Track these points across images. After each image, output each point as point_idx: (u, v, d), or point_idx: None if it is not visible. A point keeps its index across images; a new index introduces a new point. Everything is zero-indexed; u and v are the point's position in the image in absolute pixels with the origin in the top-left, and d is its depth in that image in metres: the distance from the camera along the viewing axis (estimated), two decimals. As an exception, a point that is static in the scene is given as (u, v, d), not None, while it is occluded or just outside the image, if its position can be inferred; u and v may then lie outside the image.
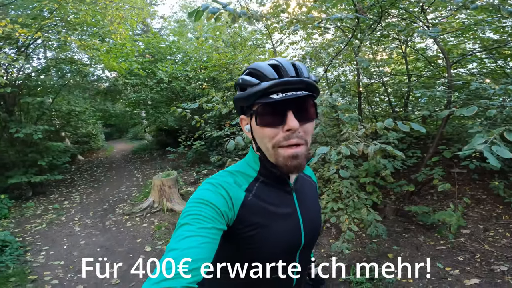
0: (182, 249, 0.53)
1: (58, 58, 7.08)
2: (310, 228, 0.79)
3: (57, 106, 7.14)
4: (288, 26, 4.12)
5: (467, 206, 3.71)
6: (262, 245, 0.69)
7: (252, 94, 0.65)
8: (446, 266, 2.69)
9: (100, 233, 4.18)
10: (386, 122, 2.49)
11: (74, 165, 9.59)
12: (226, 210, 0.65)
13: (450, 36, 4.19)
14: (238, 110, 0.76)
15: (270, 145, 0.67)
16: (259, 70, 0.66)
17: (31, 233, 4.29)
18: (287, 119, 0.64)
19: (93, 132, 11.87)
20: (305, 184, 0.87)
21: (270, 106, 0.65)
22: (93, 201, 5.83)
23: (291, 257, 0.77)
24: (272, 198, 0.74)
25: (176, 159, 8.38)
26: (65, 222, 4.71)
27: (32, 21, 4.80)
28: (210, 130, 5.62)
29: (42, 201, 5.94)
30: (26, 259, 3.45)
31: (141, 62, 7.49)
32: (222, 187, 0.68)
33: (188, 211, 0.61)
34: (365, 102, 5.78)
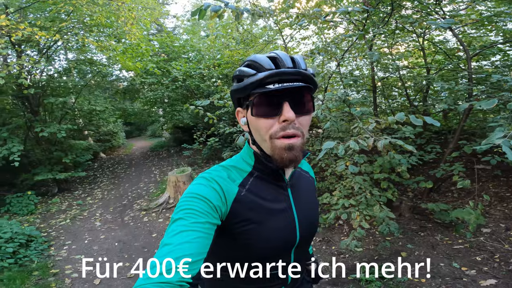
0: (176, 244, 0.53)
1: (79, 59, 7.39)
2: (305, 224, 0.78)
3: (79, 106, 7.46)
4: (296, 21, 4.06)
5: (489, 204, 3.54)
6: (255, 241, 0.69)
7: (248, 84, 0.65)
8: (462, 266, 2.59)
9: (118, 228, 4.37)
10: (398, 116, 2.41)
11: (97, 162, 10.03)
12: (219, 204, 0.65)
13: (470, 28, 3.97)
14: (234, 102, 0.76)
15: (266, 136, 0.67)
16: (256, 61, 0.66)
17: (55, 228, 4.55)
18: (283, 110, 0.64)
19: (114, 130, 12.30)
20: (301, 179, 0.86)
21: (266, 96, 0.65)
22: (113, 197, 6.09)
23: (286, 254, 0.76)
24: (266, 193, 0.73)
25: (192, 156, 8.54)
26: (87, 217, 4.97)
27: (51, 23, 5.02)
28: (223, 127, 5.67)
29: (67, 197, 6.27)
30: (50, 253, 3.66)
31: (156, 61, 7.67)
32: (215, 181, 0.68)
33: (182, 206, 0.61)
34: (381, 96, 5.60)
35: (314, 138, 4.35)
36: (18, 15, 4.91)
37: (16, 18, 4.46)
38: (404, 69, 5.17)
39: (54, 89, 6.72)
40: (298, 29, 4.82)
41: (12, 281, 2.92)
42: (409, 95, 5.26)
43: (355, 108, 3.55)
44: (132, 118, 11.32)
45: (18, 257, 3.37)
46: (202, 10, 2.09)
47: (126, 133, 16.14)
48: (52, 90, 6.70)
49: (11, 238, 3.51)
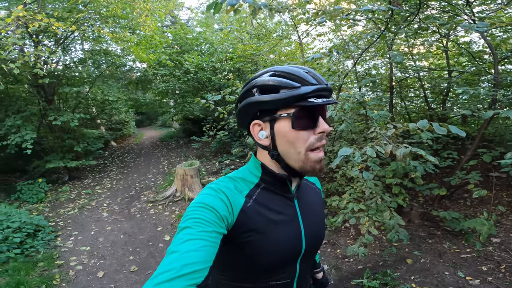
0: (183, 252, 0.54)
1: (94, 49, 7.43)
2: (311, 236, 0.79)
3: (92, 96, 7.54)
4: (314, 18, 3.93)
5: (501, 213, 3.46)
6: (259, 251, 0.69)
7: (292, 96, 0.65)
8: (467, 275, 2.56)
9: (125, 219, 4.41)
10: (420, 123, 2.28)
11: (107, 150, 10.19)
12: (226, 214, 0.65)
13: (499, 31, 3.76)
14: (248, 114, 0.72)
15: (303, 149, 0.68)
16: (295, 74, 0.67)
17: (63, 218, 4.62)
18: (319, 122, 0.68)
19: (125, 119, 12.45)
20: (308, 191, 0.87)
21: (308, 109, 0.67)
22: (121, 187, 6.16)
23: (291, 265, 0.77)
24: (272, 204, 0.74)
25: (201, 148, 8.56)
26: (95, 208, 5.03)
27: (68, 14, 5.03)
28: (233, 122, 5.62)
29: (77, 185, 6.39)
30: (56, 244, 3.70)
31: (170, 53, 7.66)
32: (222, 192, 0.69)
33: (189, 215, 0.62)
34: (397, 97, 5.42)
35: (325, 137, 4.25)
36: (36, 6, 4.92)
37: (34, 9, 4.46)
38: (424, 70, 4.96)
39: (69, 78, 6.80)
40: (315, 25, 4.68)
41: (17, 272, 2.92)
42: (428, 97, 5.06)
43: (372, 111, 3.43)
44: (143, 108, 11.43)
45: (25, 247, 3.39)
46: (218, 3, 2.01)
47: (137, 122, 16.34)
48: (67, 79, 6.77)
49: (19, 227, 3.55)
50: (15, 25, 3.72)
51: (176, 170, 5.20)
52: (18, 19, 3.67)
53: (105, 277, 2.98)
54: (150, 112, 15.65)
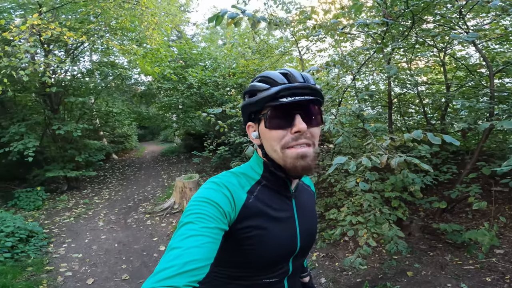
0: (185, 248, 0.53)
1: (102, 61, 7.65)
2: (306, 235, 0.81)
3: (97, 107, 7.67)
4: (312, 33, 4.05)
5: (504, 225, 3.39)
6: (258, 247, 0.70)
7: (262, 98, 0.68)
8: (470, 286, 2.49)
9: (121, 229, 4.36)
10: (415, 133, 2.30)
11: (108, 163, 10.22)
12: (228, 210, 0.65)
13: (494, 44, 3.84)
14: (245, 117, 0.79)
15: (278, 147, 0.69)
16: (269, 77, 0.70)
17: (58, 225, 4.57)
18: (295, 121, 0.67)
19: (128, 133, 12.57)
20: (304, 192, 0.89)
21: (280, 109, 0.68)
22: (120, 198, 6.13)
23: (284, 262, 0.78)
24: (272, 202, 0.75)
25: (201, 163, 8.56)
26: (92, 217, 4.99)
27: (80, 25, 5.23)
28: (233, 136, 5.66)
29: (75, 195, 6.37)
30: (48, 250, 3.66)
31: (174, 67, 7.84)
32: (225, 186, 0.69)
33: (192, 210, 0.62)
34: (397, 113, 5.46)
35: (325, 153, 4.25)
36: (50, 15, 5.12)
37: (48, 18, 4.66)
38: (422, 85, 5.03)
39: (75, 89, 6.96)
40: (315, 41, 4.82)
41: (3, 275, 2.89)
42: (427, 112, 5.10)
43: (369, 124, 3.46)
44: (146, 122, 11.58)
45: (16, 251, 3.37)
46: (219, 16, 2.10)
47: (140, 136, 16.46)
48: (74, 90, 6.94)
49: (12, 232, 3.53)
50: (29, 33, 3.87)
51: (175, 182, 5.20)
52: (32, 27, 3.81)
53: (95, 284, 2.91)
54: (152, 127, 15.83)
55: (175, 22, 7.54)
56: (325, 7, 4.10)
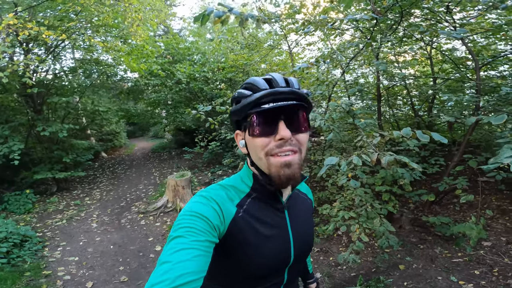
0: (175, 262, 0.52)
1: (85, 59, 7.41)
2: (300, 246, 0.79)
3: (82, 106, 7.46)
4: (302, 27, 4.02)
5: (491, 217, 3.51)
6: (248, 261, 0.69)
7: (245, 105, 0.67)
8: (460, 279, 2.56)
9: (115, 230, 4.33)
10: (404, 131, 2.34)
11: (97, 162, 10.04)
12: (218, 223, 0.64)
13: (480, 37, 3.90)
14: (233, 126, 0.78)
15: (262, 154, 0.67)
16: (252, 83, 0.69)
17: (51, 228, 4.51)
18: (278, 128, 0.65)
19: (116, 130, 12.34)
20: (299, 201, 0.86)
21: (262, 116, 0.66)
22: (112, 198, 6.06)
23: (279, 274, 0.77)
24: (262, 216, 0.74)
25: (193, 159, 8.52)
26: (84, 218, 4.93)
27: (59, 23, 5.03)
28: (224, 132, 5.63)
29: (65, 196, 6.26)
30: (44, 254, 3.62)
31: (161, 63, 7.67)
32: (214, 200, 0.68)
33: (181, 224, 0.61)
34: (385, 106, 5.53)
35: (316, 146, 4.28)
36: (27, 14, 4.91)
37: (25, 17, 4.45)
38: (410, 77, 5.10)
39: (58, 88, 6.74)
40: (304, 35, 4.79)
41: (3, 282, 2.88)
42: (414, 104, 5.18)
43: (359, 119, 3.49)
44: (135, 118, 11.36)
45: (12, 257, 3.33)
46: (205, 15, 2.05)
47: (129, 133, 16.20)
48: (57, 89, 6.71)
49: (6, 238, 3.48)
50: (5, 33, 3.70)
51: (168, 181, 5.16)
52: (8, 27, 3.65)
53: (94, 287, 2.91)
54: (142, 123, 15.56)
55: (160, 17, 7.32)
56: (313, 1, 4.06)
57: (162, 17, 7.40)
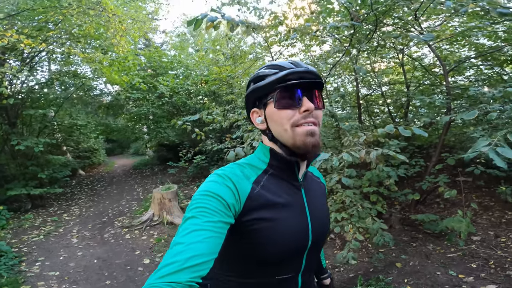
0: (187, 244, 0.53)
1: (62, 71, 7.20)
2: (318, 227, 0.78)
3: (59, 120, 7.18)
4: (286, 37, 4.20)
5: (475, 213, 3.64)
6: (267, 240, 0.68)
7: (272, 81, 0.71)
8: (459, 273, 2.58)
9: (98, 245, 4.10)
10: (387, 127, 2.48)
11: (75, 179, 9.56)
12: (233, 202, 0.64)
13: (445, 44, 4.25)
14: (249, 105, 0.80)
15: (288, 126, 0.70)
16: (277, 64, 0.74)
17: (27, 244, 4.24)
18: (303, 101, 0.70)
19: (94, 147, 11.90)
20: (313, 183, 0.88)
21: (289, 90, 0.70)
22: (92, 214, 5.77)
23: (297, 259, 0.76)
24: (280, 191, 0.74)
25: (177, 174, 8.35)
26: (63, 234, 4.66)
27: (38, 32, 4.91)
28: (211, 143, 5.60)
29: (41, 213, 5.90)
30: (21, 269, 3.40)
31: (143, 76, 7.59)
32: (229, 178, 0.68)
33: (195, 204, 0.61)
34: (365, 114, 5.78)
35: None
36: (6, 22, 4.76)
37: (3, 25, 4.31)
38: (385, 85, 5.40)
39: (34, 100, 6.48)
40: (287, 46, 4.99)
41: None
42: (391, 111, 5.46)
43: (343, 123, 3.63)
44: (115, 134, 11.01)
45: (-14, 272, 3.07)
46: (199, 19, 2.11)
47: (108, 150, 15.64)
48: (32, 101, 6.45)
49: (-20, 253, 3.22)
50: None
51: (153, 194, 5.01)
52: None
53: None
54: (121, 140, 15.12)
55: (143, 29, 7.33)
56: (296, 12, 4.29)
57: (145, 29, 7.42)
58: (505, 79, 4.08)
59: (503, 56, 3.91)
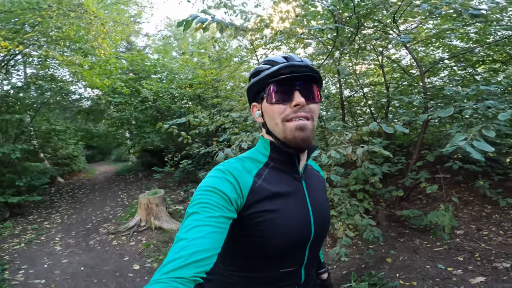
0: (190, 239, 0.53)
1: (38, 75, 6.92)
2: (319, 219, 0.78)
3: (36, 125, 6.88)
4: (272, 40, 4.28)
5: (456, 208, 3.77)
6: (271, 232, 0.68)
7: (264, 76, 0.73)
8: (447, 266, 2.64)
9: (83, 252, 3.96)
10: (371, 125, 2.59)
11: (54, 187, 9.14)
12: (235, 197, 0.65)
13: (421, 46, 4.47)
14: (250, 99, 0.82)
15: (279, 120, 0.71)
16: (271, 59, 0.76)
17: (8, 252, 4.06)
18: (294, 96, 0.70)
19: (73, 153, 11.46)
20: (313, 176, 0.89)
21: (280, 85, 0.71)
22: (75, 222, 5.55)
23: (300, 251, 0.76)
24: (282, 183, 0.75)
25: (163, 179, 8.20)
26: (45, 242, 4.48)
27: (14, 35, 4.72)
28: (198, 147, 5.55)
29: (20, 221, 5.64)
30: (4, 277, 3.25)
31: (125, 80, 7.41)
32: (230, 173, 0.68)
33: (196, 200, 0.62)
34: (348, 115, 5.96)
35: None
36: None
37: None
38: (367, 86, 5.60)
39: (9, 105, 6.18)
40: (272, 49, 5.07)
41: None
42: (373, 112, 5.67)
43: (329, 123, 3.74)
44: (96, 140, 10.65)
45: (-32, 280, 2.88)
46: (189, 21, 2.13)
47: (88, 157, 15.09)
48: (8, 106, 6.15)
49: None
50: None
51: (139, 200, 4.90)
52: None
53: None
54: (102, 146, 14.66)
55: (125, 32, 7.19)
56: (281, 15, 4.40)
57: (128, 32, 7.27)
58: (477, 79, 4.33)
59: (475, 57, 4.15)
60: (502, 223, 3.27)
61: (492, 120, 2.69)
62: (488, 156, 3.91)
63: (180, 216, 5.22)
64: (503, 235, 3.05)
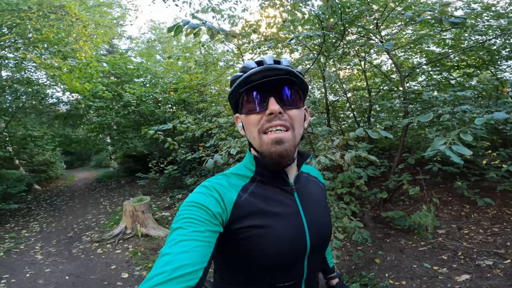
0: (175, 254, 0.52)
1: (14, 78, 6.61)
2: (316, 231, 0.73)
3: (12, 131, 6.55)
4: (259, 45, 4.34)
5: (437, 208, 3.92)
6: (259, 247, 0.65)
7: (237, 85, 0.68)
8: (433, 265, 2.72)
9: (66, 261, 3.80)
10: (358, 131, 2.69)
11: (30, 194, 8.70)
12: (219, 211, 0.63)
13: (400, 51, 4.67)
14: (233, 110, 0.78)
15: (255, 133, 0.67)
16: (244, 65, 0.71)
17: (-12, 262, 3.80)
18: (268, 104, 0.65)
19: (50, 160, 10.97)
20: (309, 184, 0.83)
21: (252, 93, 0.67)
22: (55, 230, 5.32)
23: (297, 264, 0.71)
24: (271, 198, 0.71)
25: (147, 185, 8.01)
26: (25, 251, 4.28)
27: (-12, 37, 4.52)
28: (184, 153, 5.47)
29: (-4, 230, 5.32)
30: None
31: (107, 83, 7.21)
32: (214, 189, 0.66)
33: (181, 215, 0.60)
34: (332, 119, 6.11)
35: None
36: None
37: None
38: (350, 91, 5.77)
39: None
40: (259, 53, 5.13)
41: None
42: (356, 116, 5.85)
43: (316, 128, 3.84)
44: (74, 146, 10.22)
45: None
46: (180, 26, 2.14)
47: (66, 163, 14.50)
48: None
49: None
50: None
51: (124, 207, 4.77)
52: None
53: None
54: (80, 152, 14.12)
55: (107, 34, 7.00)
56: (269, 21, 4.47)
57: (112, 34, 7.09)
58: (452, 83, 4.58)
59: (450, 62, 4.38)
60: (481, 222, 3.43)
61: (469, 124, 2.86)
62: (465, 158, 4.12)
63: (167, 222, 5.12)
64: (483, 233, 3.20)
